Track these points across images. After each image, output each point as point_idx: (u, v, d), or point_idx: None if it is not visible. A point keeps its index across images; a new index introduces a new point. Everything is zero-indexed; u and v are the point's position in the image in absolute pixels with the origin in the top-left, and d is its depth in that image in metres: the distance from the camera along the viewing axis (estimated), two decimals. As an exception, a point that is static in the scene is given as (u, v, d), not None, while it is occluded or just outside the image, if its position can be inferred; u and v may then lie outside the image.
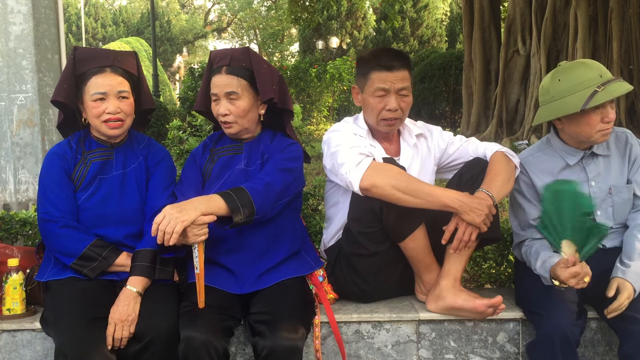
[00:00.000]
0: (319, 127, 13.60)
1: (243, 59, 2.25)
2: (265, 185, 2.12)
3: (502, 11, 12.00)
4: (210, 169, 2.32)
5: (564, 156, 2.33)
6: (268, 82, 2.25)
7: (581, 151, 2.31)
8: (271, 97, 2.24)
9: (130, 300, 2.04)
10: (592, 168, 2.32)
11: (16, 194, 3.37)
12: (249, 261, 2.20)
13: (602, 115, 2.17)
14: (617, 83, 2.16)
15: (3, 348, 2.24)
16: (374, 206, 2.19)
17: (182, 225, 1.90)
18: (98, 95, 2.16)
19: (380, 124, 2.34)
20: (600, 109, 2.17)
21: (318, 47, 22.66)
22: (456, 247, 2.16)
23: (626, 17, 8.48)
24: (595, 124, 2.18)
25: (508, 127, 9.87)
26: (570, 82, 2.19)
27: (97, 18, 33.22)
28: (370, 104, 2.32)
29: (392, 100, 2.29)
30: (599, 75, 2.16)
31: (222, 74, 2.23)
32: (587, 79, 2.16)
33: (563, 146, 2.34)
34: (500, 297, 2.16)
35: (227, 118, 2.24)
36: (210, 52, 2.36)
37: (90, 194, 2.22)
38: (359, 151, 2.21)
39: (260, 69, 2.25)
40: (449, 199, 2.11)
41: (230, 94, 2.22)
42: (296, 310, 2.08)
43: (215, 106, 2.27)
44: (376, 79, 2.29)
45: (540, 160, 2.37)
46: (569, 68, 2.24)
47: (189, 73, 12.63)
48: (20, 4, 3.36)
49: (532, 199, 2.36)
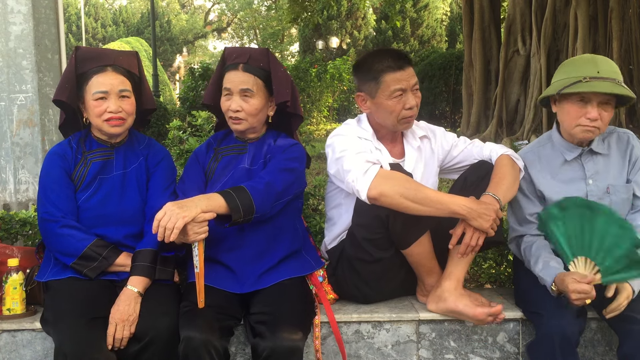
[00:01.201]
0: (319, 127, 13.61)
1: (261, 59, 2.27)
2: (265, 184, 2.12)
3: (502, 11, 12.00)
4: (214, 168, 2.32)
5: (563, 152, 2.33)
6: (284, 85, 2.27)
7: (579, 148, 2.30)
8: (286, 99, 2.26)
9: (131, 301, 2.04)
10: (591, 166, 2.31)
11: (16, 194, 3.37)
12: (249, 259, 2.20)
13: (585, 110, 2.17)
14: (608, 83, 2.14)
15: (3, 348, 2.24)
16: (380, 213, 2.17)
17: (183, 221, 1.91)
18: (99, 94, 2.16)
19: (401, 123, 2.31)
20: (586, 104, 2.17)
21: (318, 47, 22.65)
22: (463, 252, 2.16)
23: (626, 17, 8.48)
24: (575, 116, 2.19)
25: (508, 127, 9.87)
26: (569, 69, 2.25)
27: (97, 18, 33.21)
28: (388, 106, 2.28)
29: (410, 98, 2.28)
30: (597, 71, 2.16)
31: (238, 71, 2.24)
32: (584, 71, 2.18)
33: (562, 141, 2.34)
34: (500, 306, 2.16)
35: (239, 114, 2.24)
36: (225, 48, 2.37)
37: (91, 194, 2.22)
38: (366, 158, 2.19)
39: (277, 71, 2.27)
40: (457, 206, 2.10)
41: (245, 90, 2.23)
42: (296, 311, 2.08)
43: (227, 101, 2.26)
44: (391, 81, 2.26)
45: (539, 156, 2.38)
46: (579, 59, 2.31)
47: (189, 73, 12.62)
48: (20, 4, 3.36)
49: (530, 194, 2.35)
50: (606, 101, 2.17)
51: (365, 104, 2.35)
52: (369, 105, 2.34)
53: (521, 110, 9.85)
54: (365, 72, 2.33)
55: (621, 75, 2.21)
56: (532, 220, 2.33)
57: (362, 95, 2.35)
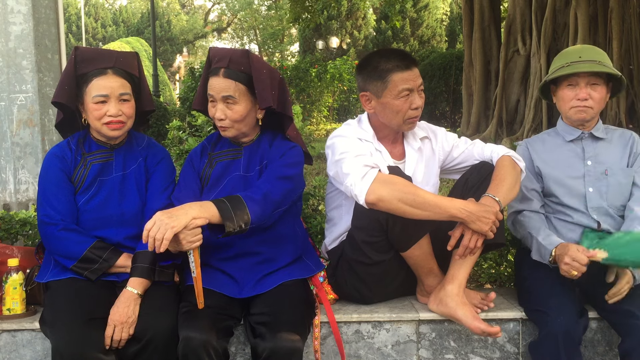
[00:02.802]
0: (319, 127, 13.60)
1: (242, 62, 2.17)
2: (263, 195, 2.08)
3: (502, 11, 11.99)
4: (209, 175, 2.28)
5: (563, 134, 2.48)
6: (267, 88, 2.17)
7: (579, 130, 2.44)
8: (269, 105, 2.17)
9: (131, 302, 2.04)
10: (591, 148, 2.43)
11: (16, 194, 3.37)
12: (251, 268, 2.18)
13: (575, 93, 2.36)
14: (587, 64, 2.32)
15: (3, 348, 2.24)
16: (379, 217, 2.17)
17: (172, 232, 1.87)
18: (100, 98, 2.14)
19: (406, 123, 2.31)
20: (575, 87, 2.36)
21: (318, 47, 22.64)
22: (462, 254, 2.16)
23: (626, 17, 8.47)
24: (568, 99, 2.38)
25: (508, 127, 9.87)
26: (557, 60, 2.45)
27: (97, 18, 33.22)
28: (394, 106, 2.27)
29: (416, 98, 2.28)
30: (579, 57, 2.36)
31: (219, 77, 2.17)
32: (568, 58, 2.38)
33: (564, 126, 2.49)
34: (498, 328, 2.14)
35: (223, 123, 2.20)
36: (210, 48, 2.31)
37: (91, 197, 2.21)
38: (364, 162, 2.17)
39: (259, 74, 2.17)
40: (456, 210, 2.09)
41: (227, 98, 2.16)
42: (297, 312, 2.08)
43: (212, 108, 2.22)
44: (399, 81, 2.25)
45: (543, 141, 2.53)
46: (566, 50, 2.50)
47: (189, 73, 12.63)
48: (20, 4, 3.35)
49: (529, 171, 2.45)
50: (593, 82, 2.34)
51: (370, 103, 2.33)
52: (373, 105, 2.32)
53: (521, 110, 9.84)
54: (370, 72, 2.30)
55: (608, 60, 2.39)
56: (530, 197, 2.42)
57: (367, 95, 2.33)
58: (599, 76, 2.35)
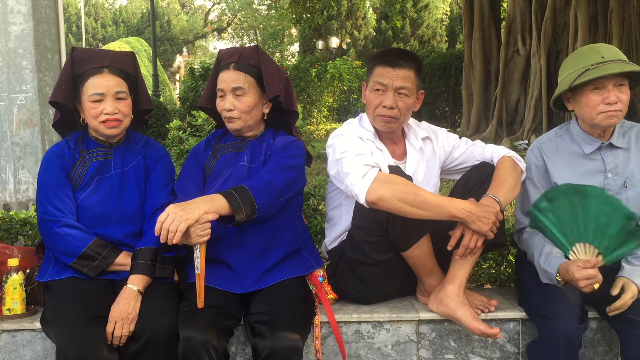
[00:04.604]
0: (319, 127, 13.61)
1: (252, 56, 2.27)
2: (266, 183, 2.12)
3: (502, 11, 12.00)
4: (213, 166, 2.31)
5: (581, 144, 2.30)
6: (275, 80, 2.26)
7: (598, 141, 2.27)
8: (277, 94, 2.25)
9: (131, 299, 2.04)
10: (611, 159, 2.27)
11: (16, 194, 3.37)
12: (250, 258, 2.19)
13: (602, 97, 2.16)
14: (616, 64, 2.14)
15: (3, 348, 2.24)
16: (379, 216, 2.17)
17: (185, 224, 1.91)
18: (96, 97, 2.16)
19: (376, 119, 2.32)
20: (601, 90, 2.16)
21: (318, 47, 22.65)
22: (462, 254, 2.16)
23: (626, 17, 8.48)
24: (594, 105, 2.17)
25: (508, 127, 9.88)
26: (573, 63, 2.24)
27: (97, 18, 33.24)
28: (368, 98, 2.33)
29: (389, 97, 2.27)
30: (601, 57, 2.16)
31: (229, 70, 2.25)
32: (588, 60, 2.18)
33: (581, 133, 2.31)
34: (497, 330, 2.14)
35: (232, 113, 2.24)
36: (219, 50, 2.37)
37: (89, 194, 2.21)
38: (365, 161, 2.18)
39: (268, 67, 2.26)
40: (456, 210, 2.09)
41: (236, 89, 2.23)
42: (296, 311, 2.08)
43: (221, 102, 2.27)
44: (377, 74, 2.29)
45: (557, 147, 2.34)
46: (580, 51, 2.29)
47: (189, 73, 12.64)
48: (20, 4, 3.35)
49: (540, 185, 2.33)
50: (620, 82, 2.17)
51: (364, 93, 2.40)
52: (365, 95, 2.38)
53: (521, 110, 9.86)
54: (368, 62, 2.38)
55: (625, 56, 2.21)
56: None
57: (364, 85, 2.40)
58: (624, 76, 2.18)
